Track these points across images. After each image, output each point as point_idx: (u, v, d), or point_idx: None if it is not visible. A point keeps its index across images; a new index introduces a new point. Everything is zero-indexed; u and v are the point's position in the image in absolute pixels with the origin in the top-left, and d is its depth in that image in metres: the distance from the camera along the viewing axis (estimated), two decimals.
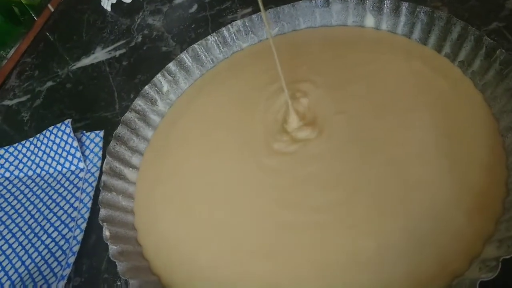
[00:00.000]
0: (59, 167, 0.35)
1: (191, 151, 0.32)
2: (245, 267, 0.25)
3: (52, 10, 0.58)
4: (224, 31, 0.37)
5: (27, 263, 0.30)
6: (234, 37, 0.37)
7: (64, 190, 0.33)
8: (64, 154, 0.34)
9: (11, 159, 0.37)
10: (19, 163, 0.37)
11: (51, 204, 0.33)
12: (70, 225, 0.31)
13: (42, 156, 0.36)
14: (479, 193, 0.23)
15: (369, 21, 0.34)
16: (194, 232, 0.27)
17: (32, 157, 0.36)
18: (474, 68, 0.29)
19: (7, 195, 0.35)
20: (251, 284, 0.24)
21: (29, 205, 0.34)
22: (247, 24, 0.37)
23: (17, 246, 0.31)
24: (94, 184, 0.33)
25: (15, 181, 0.36)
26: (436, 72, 0.30)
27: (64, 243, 0.30)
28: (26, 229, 0.32)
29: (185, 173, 0.31)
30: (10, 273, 0.29)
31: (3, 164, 0.37)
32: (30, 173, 0.36)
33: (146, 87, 0.35)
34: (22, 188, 0.35)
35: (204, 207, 0.28)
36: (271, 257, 0.25)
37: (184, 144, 0.33)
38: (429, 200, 0.24)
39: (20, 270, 0.29)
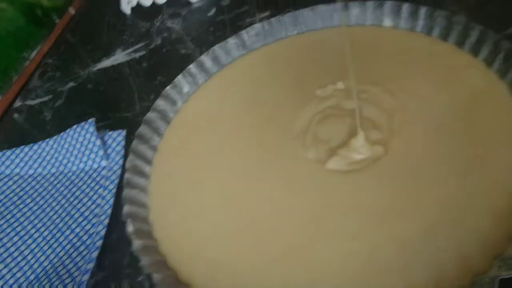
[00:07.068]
0: (81, 165, 0.36)
1: (209, 146, 0.32)
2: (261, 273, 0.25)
3: (73, 13, 0.59)
4: (244, 34, 0.38)
5: (51, 257, 0.30)
6: (253, 40, 0.38)
7: (87, 187, 0.34)
8: (87, 152, 0.35)
9: (35, 156, 0.38)
10: (42, 160, 0.38)
11: (74, 200, 0.34)
12: (93, 221, 0.32)
13: (66, 154, 0.36)
14: (506, 194, 0.23)
15: (387, 24, 0.35)
16: (206, 230, 0.28)
17: (56, 155, 0.37)
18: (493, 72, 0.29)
19: (31, 192, 0.36)
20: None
21: (53, 201, 0.34)
22: (265, 27, 0.38)
23: (41, 241, 0.32)
24: (116, 181, 0.33)
25: (39, 178, 0.37)
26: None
27: (87, 238, 0.31)
28: (50, 225, 0.33)
29: (198, 170, 0.31)
30: (35, 266, 0.30)
31: (27, 161, 0.38)
32: (53, 170, 0.37)
33: (168, 87, 0.36)
34: (46, 185, 0.36)
35: (218, 209, 0.28)
36: (287, 261, 0.25)
37: (201, 138, 0.33)
38: (455, 204, 0.24)
39: (45, 264, 0.30)
